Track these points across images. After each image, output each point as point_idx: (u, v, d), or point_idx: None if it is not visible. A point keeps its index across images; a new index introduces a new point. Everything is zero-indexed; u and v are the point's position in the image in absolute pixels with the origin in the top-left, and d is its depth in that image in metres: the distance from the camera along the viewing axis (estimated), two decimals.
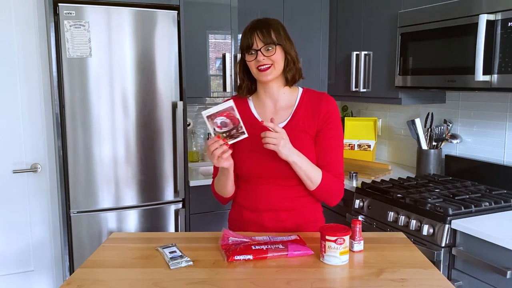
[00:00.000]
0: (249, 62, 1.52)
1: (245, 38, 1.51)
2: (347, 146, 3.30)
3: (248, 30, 1.52)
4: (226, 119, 1.38)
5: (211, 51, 3.01)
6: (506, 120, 2.42)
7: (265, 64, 1.49)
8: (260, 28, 1.49)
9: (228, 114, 1.37)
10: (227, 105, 1.38)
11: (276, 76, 1.53)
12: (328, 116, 1.55)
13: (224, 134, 1.39)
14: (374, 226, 2.36)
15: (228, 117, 1.38)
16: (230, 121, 1.38)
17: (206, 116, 1.38)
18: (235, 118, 1.38)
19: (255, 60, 1.49)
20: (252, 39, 1.49)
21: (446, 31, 2.24)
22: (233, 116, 1.38)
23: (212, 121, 1.38)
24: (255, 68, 1.51)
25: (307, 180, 1.51)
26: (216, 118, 1.38)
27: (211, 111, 1.38)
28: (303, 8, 3.24)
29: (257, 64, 1.49)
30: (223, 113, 1.37)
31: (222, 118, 1.38)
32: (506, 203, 2.11)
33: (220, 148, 1.40)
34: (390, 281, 1.22)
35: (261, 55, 1.48)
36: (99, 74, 2.45)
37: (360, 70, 2.97)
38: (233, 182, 1.59)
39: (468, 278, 1.90)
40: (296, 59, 1.55)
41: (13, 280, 2.62)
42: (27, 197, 2.60)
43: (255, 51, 1.49)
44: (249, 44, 1.49)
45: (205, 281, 1.22)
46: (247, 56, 1.52)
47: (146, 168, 2.60)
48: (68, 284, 1.21)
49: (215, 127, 1.39)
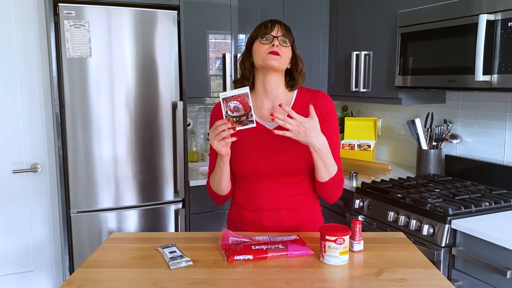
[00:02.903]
0: (262, 45, 1.52)
1: (263, 27, 1.53)
2: (347, 146, 3.30)
3: (268, 21, 1.55)
4: (239, 104, 1.40)
5: (211, 51, 3.01)
6: (506, 120, 2.42)
7: (277, 52, 1.50)
8: (282, 23, 1.55)
9: (242, 99, 1.40)
10: (243, 91, 1.41)
11: (280, 67, 1.54)
12: (325, 114, 1.55)
13: (234, 118, 1.41)
14: (374, 226, 2.36)
15: (241, 102, 1.40)
16: (243, 107, 1.41)
17: (222, 98, 1.41)
18: (247, 105, 1.41)
19: (269, 45, 1.51)
20: (272, 28, 1.52)
21: (446, 31, 2.24)
22: (246, 102, 1.40)
23: (226, 103, 1.41)
24: (265, 53, 1.51)
25: (323, 170, 1.47)
26: (230, 101, 1.41)
27: (227, 94, 1.41)
28: (303, 8, 3.24)
29: (270, 49, 1.50)
30: (237, 98, 1.40)
31: (236, 103, 1.41)
32: (506, 203, 2.11)
33: (227, 131, 1.41)
34: (390, 281, 1.22)
35: (277, 42, 1.51)
36: (99, 74, 2.45)
37: (360, 70, 2.97)
38: (229, 177, 1.58)
39: (468, 278, 1.90)
40: (303, 64, 1.59)
41: (13, 280, 2.62)
42: (27, 197, 2.60)
43: (272, 37, 1.51)
44: (267, 31, 1.52)
45: (205, 281, 1.22)
46: (261, 40, 1.52)
47: (146, 168, 2.60)
48: (68, 284, 1.21)
49: (228, 110, 1.41)
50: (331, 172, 1.49)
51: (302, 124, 1.37)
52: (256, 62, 1.55)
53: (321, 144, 1.42)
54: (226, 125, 1.40)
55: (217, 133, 1.42)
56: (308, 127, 1.38)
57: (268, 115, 1.58)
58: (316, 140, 1.40)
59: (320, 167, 1.47)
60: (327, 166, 1.47)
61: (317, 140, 1.40)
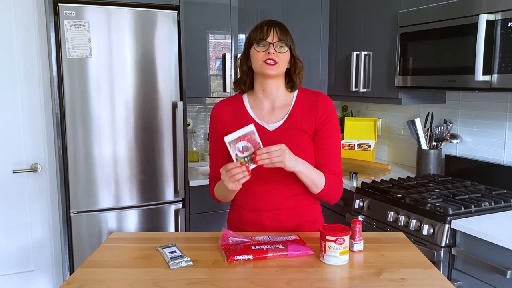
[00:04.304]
0: (258, 52, 1.50)
1: (259, 30, 1.51)
2: (347, 146, 3.30)
3: (264, 23, 1.52)
4: (247, 143, 1.38)
5: (211, 51, 3.01)
6: (506, 120, 2.42)
7: (273, 59, 1.49)
8: (278, 25, 1.51)
9: (249, 138, 1.38)
10: (248, 129, 1.39)
11: (277, 75, 1.53)
12: (325, 115, 1.55)
13: (245, 159, 1.39)
14: (374, 226, 2.36)
15: (249, 141, 1.38)
16: (251, 145, 1.39)
17: (228, 142, 1.38)
18: (255, 142, 1.39)
19: (265, 52, 1.49)
20: (268, 32, 1.49)
21: (446, 31, 2.24)
22: (254, 140, 1.39)
23: (234, 146, 1.38)
24: (262, 61, 1.50)
25: (312, 186, 1.52)
26: (238, 142, 1.38)
27: (232, 136, 1.38)
28: (303, 8, 3.24)
29: (266, 57, 1.49)
30: (244, 138, 1.38)
31: (244, 143, 1.38)
32: (506, 203, 2.11)
33: (241, 173, 1.39)
34: (390, 281, 1.22)
35: (273, 49, 1.48)
36: (99, 74, 2.45)
37: (360, 70, 2.97)
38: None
39: (468, 278, 1.90)
40: (302, 65, 1.57)
41: (13, 280, 2.62)
42: (27, 197, 2.60)
43: (268, 44, 1.49)
44: (263, 37, 1.49)
45: (205, 281, 1.22)
46: (256, 47, 1.51)
47: (146, 168, 2.60)
48: (68, 284, 1.21)
49: (237, 152, 1.38)
50: (319, 186, 1.52)
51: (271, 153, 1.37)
52: (254, 68, 1.55)
53: (300, 166, 1.44)
54: (241, 168, 1.37)
55: (230, 176, 1.39)
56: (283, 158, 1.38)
57: (268, 115, 1.58)
58: (295, 163, 1.42)
59: (308, 184, 1.52)
60: (315, 182, 1.51)
61: (296, 164, 1.43)
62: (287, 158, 1.39)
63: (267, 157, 1.37)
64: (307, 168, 1.48)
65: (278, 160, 1.38)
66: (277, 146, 1.38)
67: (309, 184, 1.51)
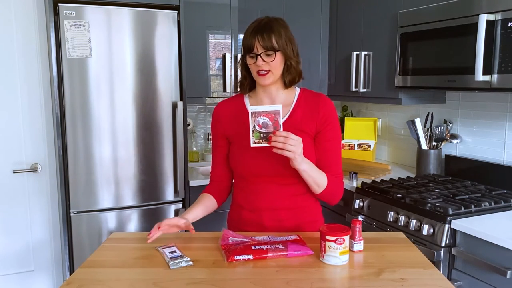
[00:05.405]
0: (249, 64, 1.52)
1: (247, 40, 1.51)
2: (347, 146, 3.30)
3: (250, 32, 1.50)
4: (269, 121, 1.38)
5: (211, 51, 3.01)
6: (506, 120, 2.42)
7: (264, 69, 1.49)
8: (261, 32, 1.48)
9: (272, 117, 1.38)
10: (275, 108, 1.38)
11: (274, 81, 1.54)
12: (326, 117, 1.56)
13: (261, 134, 1.39)
14: (374, 226, 2.36)
15: (271, 120, 1.38)
16: (272, 124, 1.38)
17: (251, 112, 1.38)
18: (277, 123, 1.38)
19: (255, 64, 1.50)
20: (252, 43, 1.48)
21: (446, 31, 2.24)
22: (276, 120, 1.38)
23: (255, 118, 1.38)
24: (255, 71, 1.52)
25: (314, 185, 1.52)
26: (260, 116, 1.38)
27: (257, 108, 1.38)
28: (303, 8, 3.24)
29: (257, 69, 1.50)
30: (268, 114, 1.38)
31: (265, 119, 1.38)
32: (506, 203, 2.11)
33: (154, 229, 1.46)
34: (390, 281, 1.22)
35: (261, 60, 1.48)
36: (99, 74, 2.44)
37: (360, 70, 2.97)
38: (206, 208, 1.67)
39: (468, 278, 1.90)
40: (296, 62, 1.54)
41: (13, 280, 2.62)
42: (27, 197, 2.60)
43: (256, 56, 1.49)
44: (250, 47, 1.49)
45: (205, 281, 1.22)
46: (248, 59, 1.52)
47: (146, 168, 2.60)
48: (68, 284, 1.21)
49: (256, 124, 1.39)
50: (321, 186, 1.52)
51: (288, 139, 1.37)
52: (252, 74, 1.56)
53: (305, 164, 1.45)
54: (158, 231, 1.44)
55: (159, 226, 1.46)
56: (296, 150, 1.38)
57: None
58: (302, 160, 1.43)
59: (310, 183, 1.52)
60: (317, 182, 1.51)
61: (302, 161, 1.43)
62: (299, 151, 1.39)
63: (283, 141, 1.36)
64: (311, 168, 1.48)
65: (291, 149, 1.37)
66: (296, 136, 1.38)
67: (312, 183, 1.51)
